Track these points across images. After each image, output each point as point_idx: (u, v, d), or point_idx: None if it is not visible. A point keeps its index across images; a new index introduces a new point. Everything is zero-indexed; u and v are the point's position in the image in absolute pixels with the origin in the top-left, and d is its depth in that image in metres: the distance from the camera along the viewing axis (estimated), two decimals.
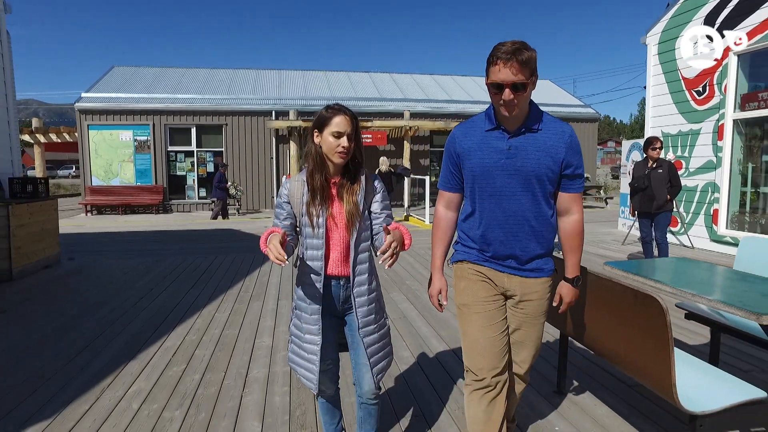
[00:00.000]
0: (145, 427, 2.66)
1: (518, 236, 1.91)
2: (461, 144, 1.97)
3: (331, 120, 1.89)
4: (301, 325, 2.03)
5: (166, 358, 3.61)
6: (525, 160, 1.85)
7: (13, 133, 6.78)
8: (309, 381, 2.02)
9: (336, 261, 1.98)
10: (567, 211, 1.97)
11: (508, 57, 1.73)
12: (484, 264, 1.98)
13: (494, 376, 1.91)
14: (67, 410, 2.83)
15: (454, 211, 2.09)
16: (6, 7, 6.60)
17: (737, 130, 7.60)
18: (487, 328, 1.94)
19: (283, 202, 2.02)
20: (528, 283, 1.95)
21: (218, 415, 2.78)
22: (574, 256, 2.00)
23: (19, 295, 5.38)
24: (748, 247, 3.23)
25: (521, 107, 1.81)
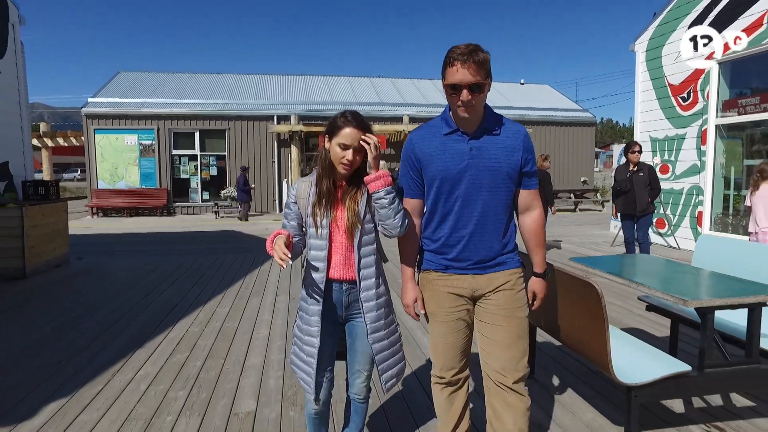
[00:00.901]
0: (153, 404, 2.96)
1: (483, 236, 1.93)
2: (421, 149, 1.96)
3: (340, 130, 1.89)
4: (302, 326, 2.04)
5: (170, 347, 3.92)
6: (489, 159, 1.88)
7: (26, 139, 7.13)
8: (306, 384, 2.01)
9: (338, 264, 1.98)
10: (528, 207, 2.00)
11: (464, 58, 1.75)
12: (447, 272, 1.99)
13: (453, 375, 2.04)
14: (82, 390, 3.14)
15: (417, 218, 2.05)
16: (21, 19, 6.96)
17: (719, 134, 7.88)
18: (448, 334, 1.99)
19: (291, 203, 2.04)
20: (494, 277, 1.96)
21: (218, 395, 3.09)
22: (541, 251, 2.05)
23: (32, 291, 5.71)
24: (703, 246, 3.52)
25: (478, 108, 1.84)
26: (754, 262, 3.06)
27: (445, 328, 1.99)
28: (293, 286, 5.90)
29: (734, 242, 3.40)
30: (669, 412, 2.81)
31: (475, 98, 1.79)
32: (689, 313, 3.14)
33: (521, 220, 2.05)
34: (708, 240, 3.54)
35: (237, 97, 18.30)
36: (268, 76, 21.53)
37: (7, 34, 6.70)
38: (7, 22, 6.70)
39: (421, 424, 2.73)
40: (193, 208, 17.06)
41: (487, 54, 1.82)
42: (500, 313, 1.95)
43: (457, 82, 1.78)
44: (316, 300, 1.97)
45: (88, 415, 2.83)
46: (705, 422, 2.69)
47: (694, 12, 8.04)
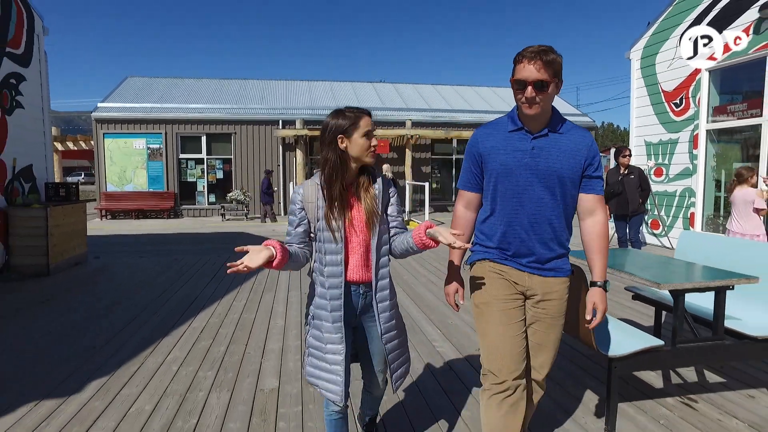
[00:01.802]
0: (185, 382, 3.30)
1: (539, 236, 1.92)
2: (484, 144, 1.97)
3: (358, 122, 1.88)
4: (321, 335, 1.95)
5: (194, 335, 4.25)
6: (548, 160, 1.87)
7: (47, 143, 7.49)
8: (334, 393, 1.93)
9: (355, 267, 1.94)
10: (591, 212, 1.96)
11: (533, 56, 1.78)
12: (504, 263, 1.96)
13: (515, 379, 1.90)
14: (120, 370, 3.48)
15: (473, 211, 2.07)
16: (45, 30, 7.34)
17: (710, 139, 8.22)
18: (507, 326, 1.92)
19: (297, 209, 1.98)
20: (549, 282, 1.94)
21: (243, 375, 3.42)
22: (602, 259, 1.96)
23: (57, 287, 6.05)
24: (684, 241, 3.85)
25: (544, 107, 1.84)
26: (727, 254, 3.39)
27: (504, 318, 1.92)
28: (304, 283, 6.23)
29: (711, 237, 3.74)
30: (648, 386, 3.14)
31: (539, 96, 1.80)
32: (668, 299, 3.47)
33: (582, 225, 2.00)
34: (689, 235, 3.87)
35: (242, 102, 18.69)
36: (273, 81, 21.93)
37: (33, 44, 7.08)
38: (33, 32, 7.08)
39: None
40: (200, 211, 17.41)
41: (559, 56, 1.82)
42: (546, 321, 1.97)
43: (523, 78, 1.80)
44: (336, 306, 1.91)
45: (128, 390, 3.17)
46: (680, 395, 3.02)
47: (686, 22, 8.39)
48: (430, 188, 15.23)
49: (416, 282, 6.21)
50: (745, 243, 3.59)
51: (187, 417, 2.81)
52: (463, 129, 17.78)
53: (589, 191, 1.95)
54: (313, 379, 2.01)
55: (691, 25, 8.23)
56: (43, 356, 3.73)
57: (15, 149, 6.64)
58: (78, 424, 2.73)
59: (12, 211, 6.46)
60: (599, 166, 1.96)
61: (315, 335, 1.99)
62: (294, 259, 1.91)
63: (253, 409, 2.92)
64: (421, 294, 5.60)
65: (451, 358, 3.70)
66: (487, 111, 19.41)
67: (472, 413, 2.82)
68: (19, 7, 6.81)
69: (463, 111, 19.37)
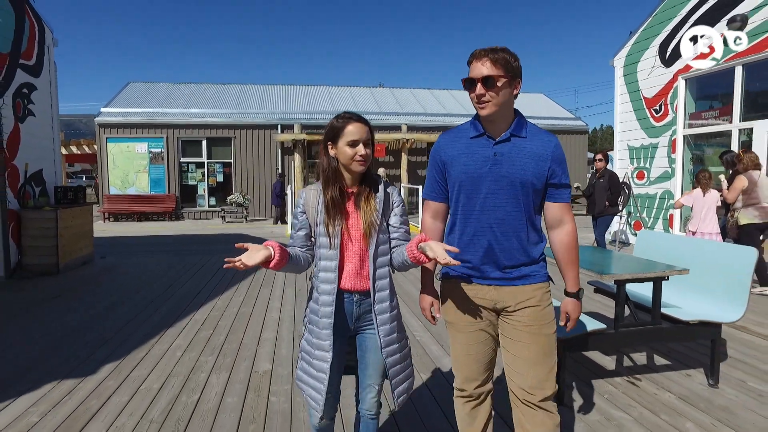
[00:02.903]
0: (188, 365, 3.68)
1: (505, 245, 1.85)
2: (446, 152, 1.93)
3: (344, 129, 1.86)
4: (312, 340, 1.95)
5: (196, 326, 4.64)
6: (511, 166, 1.81)
7: (56, 149, 7.90)
8: (315, 402, 1.91)
9: (350, 274, 1.91)
10: (559, 222, 1.91)
11: (481, 54, 1.77)
12: (470, 281, 1.92)
13: (475, 388, 1.97)
14: (129, 355, 3.87)
15: (441, 222, 2.02)
16: (54, 41, 7.75)
17: (687, 143, 8.62)
18: (469, 346, 1.94)
19: (299, 212, 1.98)
20: (519, 291, 1.87)
21: (240, 359, 3.80)
22: (573, 269, 1.93)
23: (67, 284, 6.44)
24: (641, 239, 4.24)
25: (497, 107, 1.79)
26: (677, 250, 3.78)
27: (466, 339, 1.94)
28: (299, 281, 6.62)
29: (665, 235, 4.13)
30: (601, 368, 3.53)
31: (489, 93, 1.76)
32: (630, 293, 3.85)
33: (551, 236, 1.94)
34: (646, 234, 4.27)
35: (242, 106, 19.11)
36: (272, 86, 22.35)
37: (44, 55, 7.50)
38: (44, 44, 7.49)
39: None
40: (200, 213, 17.81)
41: (511, 56, 1.79)
42: (525, 330, 1.86)
43: (471, 76, 1.79)
44: (327, 313, 1.89)
45: (138, 371, 3.55)
46: (627, 375, 3.41)
47: (664, 33, 8.80)
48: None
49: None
50: (692, 240, 3.98)
51: (191, 393, 3.20)
52: None
53: (555, 200, 1.89)
54: (300, 384, 2.01)
55: (669, 35, 8.64)
56: (62, 344, 4.13)
57: (27, 155, 7.04)
58: (96, 398, 3.12)
59: (24, 213, 6.86)
60: (564, 172, 1.88)
61: (307, 339, 1.99)
62: (294, 262, 1.91)
63: (249, 387, 3.30)
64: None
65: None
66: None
67: None
68: (31, 20, 7.22)
69: (458, 115, 19.78)
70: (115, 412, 2.94)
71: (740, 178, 5.69)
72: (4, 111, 6.53)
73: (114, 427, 2.77)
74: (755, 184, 5.62)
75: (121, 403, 3.06)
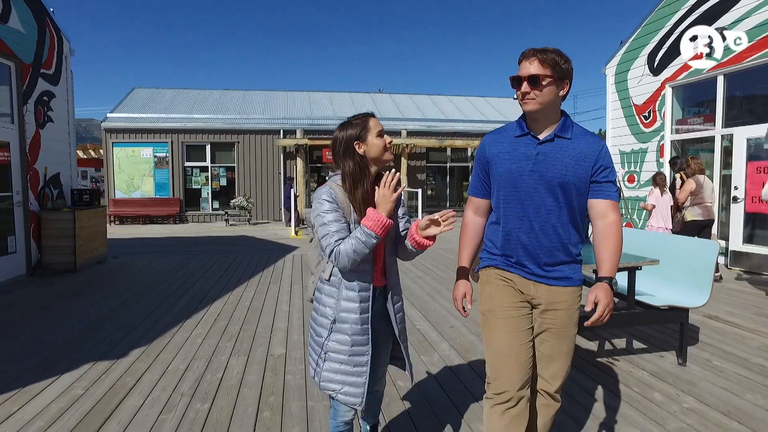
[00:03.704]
0: (209, 350, 4.05)
1: (543, 243, 1.86)
2: (490, 150, 1.96)
3: (368, 124, 1.93)
4: (347, 338, 1.93)
5: (213, 318, 5.01)
6: (553, 166, 1.82)
7: (72, 153, 8.28)
8: (355, 397, 1.93)
9: (379, 270, 2.00)
10: (603, 216, 1.87)
11: (531, 54, 1.80)
12: (510, 270, 1.92)
13: (518, 390, 1.84)
14: (154, 342, 4.24)
15: (482, 217, 2.05)
16: (71, 52, 8.15)
17: (674, 148, 9.03)
18: (512, 335, 1.87)
19: (334, 204, 1.89)
20: (554, 291, 1.87)
21: (256, 345, 4.17)
22: (611, 257, 1.84)
23: (85, 281, 6.81)
24: (637, 238, 4.62)
25: (543, 105, 1.81)
26: (651, 245, 4.16)
27: (508, 327, 1.88)
28: (305, 276, 6.99)
29: (640, 232, 4.52)
30: (586, 351, 3.91)
31: (533, 91, 1.78)
32: None
33: (594, 228, 1.93)
34: (624, 231, 4.65)
35: (245, 112, 19.52)
36: (274, 92, 22.79)
37: (62, 65, 7.89)
38: (62, 54, 7.89)
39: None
40: (204, 216, 18.17)
41: (562, 57, 1.80)
42: (555, 332, 1.90)
43: (518, 74, 1.82)
44: (365, 308, 1.93)
45: (164, 355, 3.92)
46: (608, 357, 3.79)
47: (652, 43, 9.22)
48: (425, 195, 16.00)
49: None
50: (663, 236, 4.37)
51: (214, 372, 3.57)
52: (456, 138, 18.64)
53: (600, 196, 1.87)
54: (332, 385, 1.95)
55: (657, 45, 9.07)
56: (92, 331, 4.50)
57: (46, 159, 7.42)
58: (130, 376, 3.49)
59: (44, 215, 7.23)
60: (611, 172, 1.87)
61: (339, 339, 1.94)
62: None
63: (266, 367, 3.67)
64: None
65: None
66: (480, 120, 20.25)
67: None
68: (51, 32, 7.62)
69: (457, 120, 20.20)
70: (149, 387, 3.31)
71: (689, 181, 6.52)
72: (27, 118, 6.92)
73: (150, 398, 3.14)
74: (701, 186, 6.46)
75: (153, 380, 3.43)
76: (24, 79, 6.85)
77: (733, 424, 2.75)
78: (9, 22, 6.55)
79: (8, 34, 6.52)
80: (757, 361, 3.68)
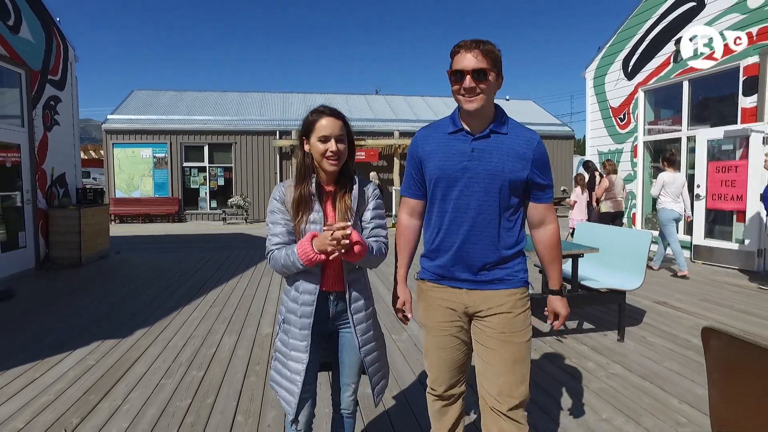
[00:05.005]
0: (204, 330, 4.54)
1: (479, 245, 1.79)
2: (423, 147, 1.87)
3: (315, 124, 1.79)
4: (288, 340, 1.88)
5: (209, 304, 5.50)
6: (489, 163, 1.74)
7: (77, 154, 8.76)
8: (288, 404, 1.87)
9: (331, 275, 1.86)
10: (542, 222, 1.86)
11: (470, 45, 1.69)
12: (440, 283, 1.88)
13: (445, 391, 1.96)
14: (156, 324, 4.73)
15: (418, 219, 1.97)
16: (75, 58, 8.63)
17: (647, 149, 9.54)
18: (440, 350, 1.91)
19: (278, 208, 1.87)
20: (490, 295, 1.80)
21: (246, 327, 4.66)
22: (556, 268, 1.90)
23: (92, 274, 7.29)
24: (578, 229, 5.12)
25: (484, 102, 1.71)
26: (598, 236, 4.66)
27: (438, 343, 1.91)
28: None
29: (593, 226, 5.01)
30: (537, 330, 4.40)
31: (479, 86, 1.69)
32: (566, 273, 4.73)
33: (533, 235, 1.91)
34: (580, 226, 5.15)
35: (242, 113, 20.00)
36: (270, 93, 23.26)
37: (67, 71, 8.38)
38: (68, 61, 8.38)
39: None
40: (202, 215, 18.65)
41: (497, 49, 1.74)
42: (496, 337, 1.80)
43: (461, 68, 1.69)
44: (307, 313, 1.83)
45: (165, 334, 4.42)
46: (557, 335, 4.28)
47: (626, 49, 9.73)
48: None
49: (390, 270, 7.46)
50: (607, 228, 4.86)
51: (209, 348, 4.06)
52: None
53: (539, 200, 1.83)
54: (274, 385, 1.95)
55: (631, 51, 9.58)
56: (100, 318, 4.99)
57: (53, 160, 7.90)
58: (135, 350, 3.98)
59: (51, 212, 7.72)
60: (547, 172, 1.82)
61: (282, 340, 1.92)
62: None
63: (254, 344, 4.17)
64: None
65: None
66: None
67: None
68: (58, 40, 8.11)
69: None
70: (152, 359, 3.81)
71: (604, 179, 7.98)
72: (36, 121, 7.40)
73: (153, 367, 3.63)
74: (613, 184, 7.92)
75: (155, 354, 3.92)
76: (33, 86, 7.33)
77: (646, 384, 3.25)
78: (20, 32, 7.04)
79: (19, 43, 7.01)
80: (684, 336, 4.19)
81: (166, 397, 3.12)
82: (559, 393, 3.15)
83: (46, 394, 3.16)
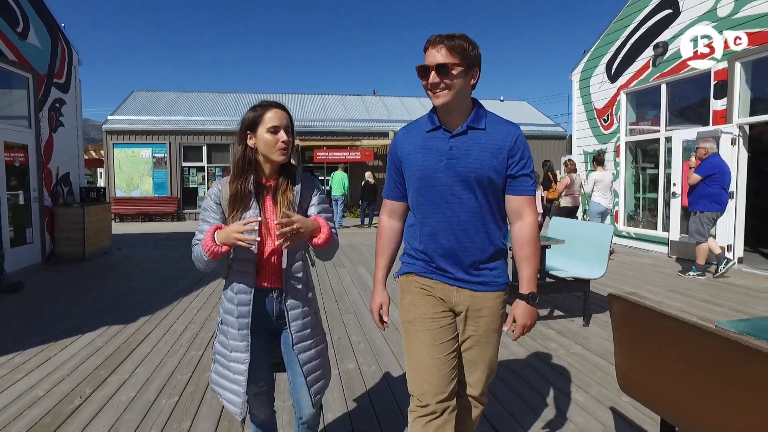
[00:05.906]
0: (203, 317, 4.90)
1: (464, 244, 1.75)
2: (402, 148, 1.84)
3: (263, 116, 1.78)
4: (227, 342, 1.84)
5: (207, 295, 5.86)
6: (467, 160, 1.71)
7: (80, 155, 9.12)
8: (233, 405, 1.82)
9: (269, 272, 1.82)
10: (518, 215, 1.77)
11: (438, 41, 1.66)
12: (430, 276, 1.81)
13: (439, 402, 1.72)
14: (158, 311, 5.09)
15: (398, 221, 1.93)
16: (79, 62, 8.98)
17: (629, 149, 9.92)
18: (432, 348, 1.75)
19: (214, 204, 1.83)
20: (478, 297, 1.77)
21: None
22: (529, 267, 1.76)
23: (96, 269, 7.65)
24: (553, 224, 5.49)
25: (453, 97, 1.69)
26: (567, 230, 5.02)
27: (429, 339, 1.77)
28: None
29: (564, 221, 5.39)
30: None
31: (443, 81, 1.66)
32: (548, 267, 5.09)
33: (511, 226, 1.83)
34: (554, 221, 5.52)
35: (240, 114, 19.74)
36: (267, 94, 23.59)
37: (71, 74, 8.73)
38: (72, 65, 8.73)
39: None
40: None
41: (468, 42, 1.68)
42: (477, 339, 1.81)
43: (426, 63, 1.69)
44: (244, 312, 1.80)
45: (166, 321, 4.78)
46: None
47: (609, 53, 10.11)
48: None
49: None
50: (573, 222, 5.24)
51: (207, 332, 4.42)
52: None
53: (514, 192, 1.77)
54: (216, 387, 1.89)
55: (613, 55, 9.96)
56: (106, 308, 5.35)
57: (58, 159, 8.25)
58: (139, 334, 4.35)
59: (56, 210, 8.07)
60: (527, 163, 1.76)
61: (221, 341, 1.87)
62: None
63: None
64: None
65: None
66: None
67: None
68: (62, 45, 8.46)
69: None
70: (155, 341, 4.17)
71: (565, 177, 8.76)
72: (42, 123, 7.76)
73: (156, 348, 3.99)
74: (573, 181, 8.64)
75: (158, 336, 4.29)
76: (39, 89, 7.69)
77: (600, 361, 3.62)
78: (28, 38, 7.39)
79: (27, 49, 7.36)
80: None
81: (168, 372, 3.49)
82: (522, 370, 3.51)
83: (61, 370, 3.52)
